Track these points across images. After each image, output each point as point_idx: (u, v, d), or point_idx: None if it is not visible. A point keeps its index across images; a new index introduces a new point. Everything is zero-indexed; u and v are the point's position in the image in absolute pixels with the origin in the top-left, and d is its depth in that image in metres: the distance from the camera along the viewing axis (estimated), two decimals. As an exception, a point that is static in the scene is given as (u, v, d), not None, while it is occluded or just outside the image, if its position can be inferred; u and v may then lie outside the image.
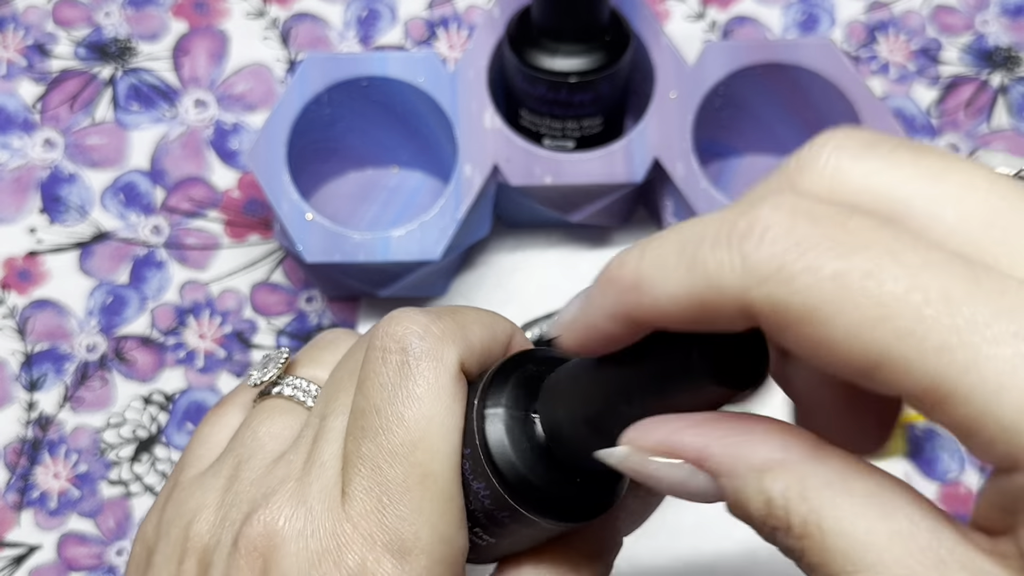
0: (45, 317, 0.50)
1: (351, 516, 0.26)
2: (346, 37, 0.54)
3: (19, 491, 0.48)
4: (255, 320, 0.50)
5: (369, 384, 0.27)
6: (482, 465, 0.26)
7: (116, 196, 0.52)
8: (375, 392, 0.27)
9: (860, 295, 0.19)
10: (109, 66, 0.54)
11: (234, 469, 0.30)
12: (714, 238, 0.20)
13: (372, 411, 0.27)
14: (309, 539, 0.26)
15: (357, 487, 0.26)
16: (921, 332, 0.19)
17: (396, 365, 0.27)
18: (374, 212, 0.51)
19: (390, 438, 0.26)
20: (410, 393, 0.27)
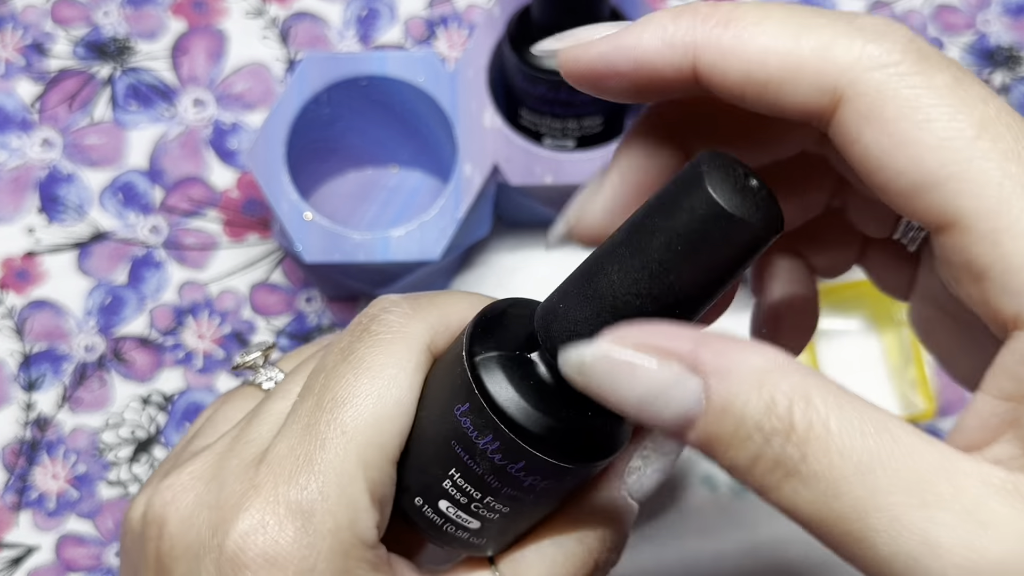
0: (43, 317, 0.50)
1: (259, 481, 0.26)
2: (345, 36, 0.54)
3: (17, 492, 0.48)
4: (254, 320, 0.50)
5: (328, 351, 0.27)
6: (486, 414, 0.24)
7: (115, 196, 0.52)
8: (330, 356, 0.27)
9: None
10: (107, 65, 0.53)
11: (182, 448, 0.30)
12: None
13: (320, 371, 0.27)
14: (211, 512, 0.26)
15: (281, 446, 0.26)
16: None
17: (356, 331, 0.27)
18: (373, 212, 0.51)
19: (324, 395, 0.26)
20: (358, 356, 0.26)
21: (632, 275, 0.22)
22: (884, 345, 0.47)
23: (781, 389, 0.21)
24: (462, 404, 0.25)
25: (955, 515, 0.20)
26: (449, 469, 0.26)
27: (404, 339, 0.27)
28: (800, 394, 0.21)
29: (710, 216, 0.21)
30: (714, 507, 0.48)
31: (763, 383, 0.21)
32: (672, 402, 0.22)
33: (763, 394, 0.21)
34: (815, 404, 0.21)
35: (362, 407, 0.26)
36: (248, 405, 0.30)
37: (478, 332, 0.26)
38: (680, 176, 0.22)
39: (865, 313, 0.47)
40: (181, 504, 0.27)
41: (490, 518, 0.26)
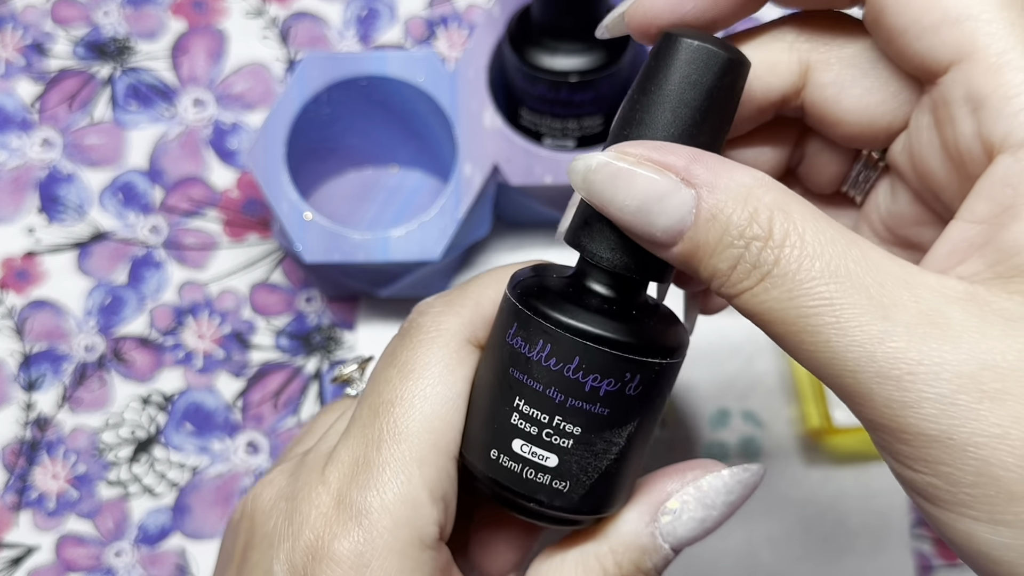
0: (43, 317, 0.50)
1: (327, 480, 0.27)
2: (345, 36, 0.54)
3: (17, 492, 0.48)
4: (254, 320, 0.50)
5: (380, 358, 0.29)
6: (533, 322, 0.26)
7: (114, 196, 0.52)
8: (380, 362, 0.29)
9: None
10: (107, 65, 0.53)
11: (286, 453, 0.32)
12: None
13: (371, 379, 0.28)
14: (287, 503, 0.28)
15: (342, 450, 0.27)
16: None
17: (399, 338, 0.29)
18: (373, 212, 0.51)
19: (375, 399, 0.27)
20: (398, 358, 0.28)
21: None
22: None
23: (764, 202, 0.23)
24: (510, 328, 0.27)
25: (911, 316, 0.22)
26: (513, 400, 0.27)
27: (442, 337, 0.28)
28: (780, 207, 0.23)
29: (696, 60, 0.25)
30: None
31: (748, 196, 0.24)
32: (666, 210, 0.24)
33: (747, 205, 0.23)
34: (793, 217, 0.23)
35: (412, 408, 0.27)
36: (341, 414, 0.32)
37: (516, 275, 0.28)
38: (659, 49, 0.25)
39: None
40: (267, 496, 0.29)
41: (566, 446, 0.27)
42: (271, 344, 0.50)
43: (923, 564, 0.47)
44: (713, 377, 0.49)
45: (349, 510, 0.26)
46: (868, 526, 0.47)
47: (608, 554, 0.28)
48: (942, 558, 0.47)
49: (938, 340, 0.22)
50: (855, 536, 0.47)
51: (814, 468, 0.48)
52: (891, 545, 0.47)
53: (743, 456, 0.48)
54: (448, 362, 0.28)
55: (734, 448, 0.48)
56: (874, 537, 0.47)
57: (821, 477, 0.48)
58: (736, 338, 0.50)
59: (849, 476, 0.48)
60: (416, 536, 0.27)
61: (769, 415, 0.49)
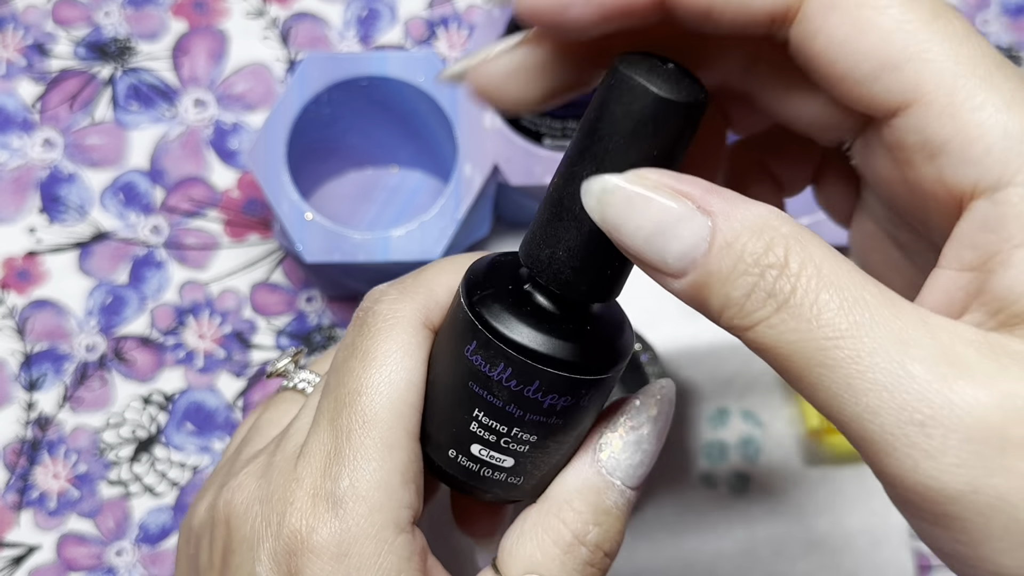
0: (44, 317, 0.50)
1: (300, 475, 0.27)
2: (346, 37, 0.54)
3: (18, 491, 0.48)
4: (254, 320, 0.50)
5: (337, 349, 0.29)
6: (493, 345, 0.26)
7: (115, 196, 0.52)
8: (338, 353, 0.29)
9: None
10: (108, 66, 0.54)
11: (235, 454, 0.32)
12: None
13: (333, 370, 0.28)
14: (263, 506, 0.28)
15: (313, 443, 0.28)
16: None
17: (355, 327, 0.29)
18: (374, 212, 0.51)
19: (340, 390, 0.28)
20: (359, 347, 0.28)
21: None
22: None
23: (780, 232, 0.23)
24: (469, 344, 0.26)
25: (930, 353, 0.21)
26: (472, 410, 0.27)
27: (399, 323, 0.28)
28: (797, 238, 0.23)
29: (640, 104, 0.23)
30: (713, 506, 0.48)
31: (764, 227, 0.23)
32: (679, 236, 0.23)
33: (764, 235, 0.23)
34: (809, 249, 0.23)
35: (376, 394, 0.27)
36: (289, 408, 0.32)
37: (471, 280, 0.27)
38: (606, 80, 0.24)
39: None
40: (239, 501, 0.29)
41: (521, 451, 0.27)
42: (272, 344, 0.50)
43: (922, 564, 0.47)
44: (712, 376, 0.49)
45: (325, 502, 0.27)
46: (867, 525, 0.48)
47: (564, 506, 0.28)
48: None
49: (959, 382, 0.21)
50: (854, 535, 0.47)
51: (813, 467, 0.48)
52: (890, 544, 0.47)
53: (743, 456, 0.48)
54: (407, 348, 0.28)
55: (733, 447, 0.48)
56: (873, 536, 0.47)
57: (820, 476, 0.48)
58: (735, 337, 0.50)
59: (848, 475, 0.48)
60: (391, 520, 0.27)
61: (768, 414, 0.49)
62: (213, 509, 0.30)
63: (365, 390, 0.27)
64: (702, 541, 0.48)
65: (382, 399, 0.27)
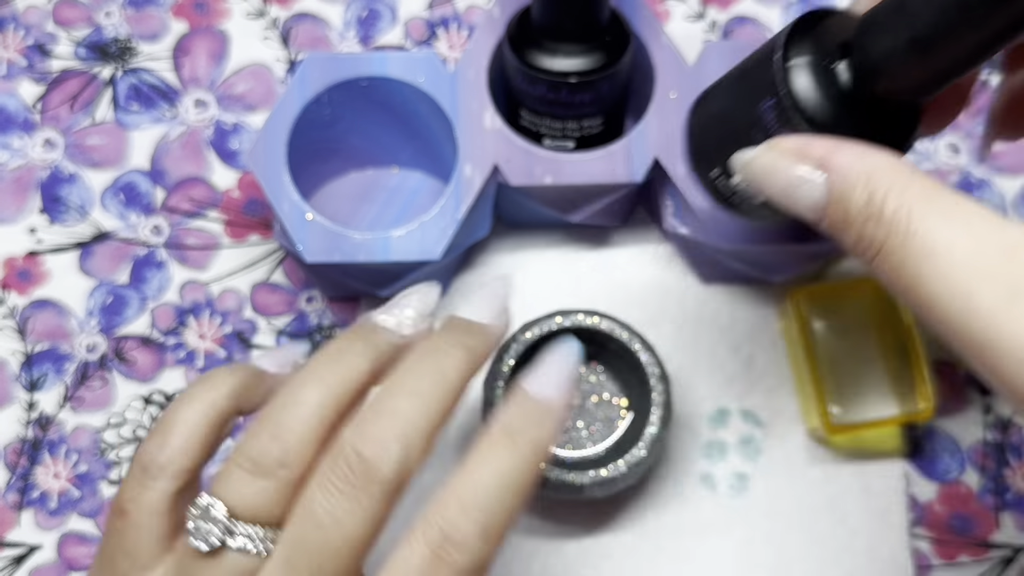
0: (45, 317, 0.50)
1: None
2: (346, 37, 0.54)
3: (19, 491, 0.48)
4: (255, 320, 0.50)
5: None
6: (789, 112, 0.31)
7: (116, 196, 0.52)
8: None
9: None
10: (109, 66, 0.54)
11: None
12: None
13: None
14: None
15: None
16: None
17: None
18: (374, 212, 0.51)
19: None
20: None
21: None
22: (882, 346, 0.47)
23: (881, 184, 0.28)
24: (769, 99, 0.31)
25: (1006, 287, 0.26)
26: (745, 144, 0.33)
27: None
28: (896, 189, 0.28)
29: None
30: (712, 506, 0.48)
31: (869, 180, 0.29)
32: (805, 193, 0.30)
33: (866, 188, 0.29)
34: (905, 196, 0.28)
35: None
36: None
37: (795, 35, 0.31)
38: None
39: (864, 313, 0.48)
40: None
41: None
42: (272, 344, 0.50)
43: (921, 563, 0.48)
44: (712, 376, 0.49)
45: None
46: (867, 525, 0.48)
47: None
48: (940, 557, 0.47)
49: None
50: (854, 535, 0.48)
51: (813, 467, 0.48)
52: (889, 544, 0.48)
53: (743, 456, 0.48)
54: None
55: (733, 447, 0.48)
56: (873, 536, 0.48)
57: (820, 476, 0.48)
58: (736, 337, 0.50)
59: (848, 475, 0.48)
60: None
61: (768, 414, 0.49)
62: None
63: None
64: (702, 541, 0.48)
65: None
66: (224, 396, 0.34)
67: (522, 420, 0.32)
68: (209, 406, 0.34)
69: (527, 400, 0.33)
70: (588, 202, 0.47)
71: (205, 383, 0.34)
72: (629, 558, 0.47)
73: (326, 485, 0.30)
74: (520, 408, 0.33)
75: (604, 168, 0.45)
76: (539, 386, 0.33)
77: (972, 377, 0.49)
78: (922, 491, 0.48)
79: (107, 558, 0.33)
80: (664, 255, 0.51)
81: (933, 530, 0.48)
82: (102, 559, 0.33)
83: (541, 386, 0.33)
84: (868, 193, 0.29)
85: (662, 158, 0.45)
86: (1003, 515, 0.48)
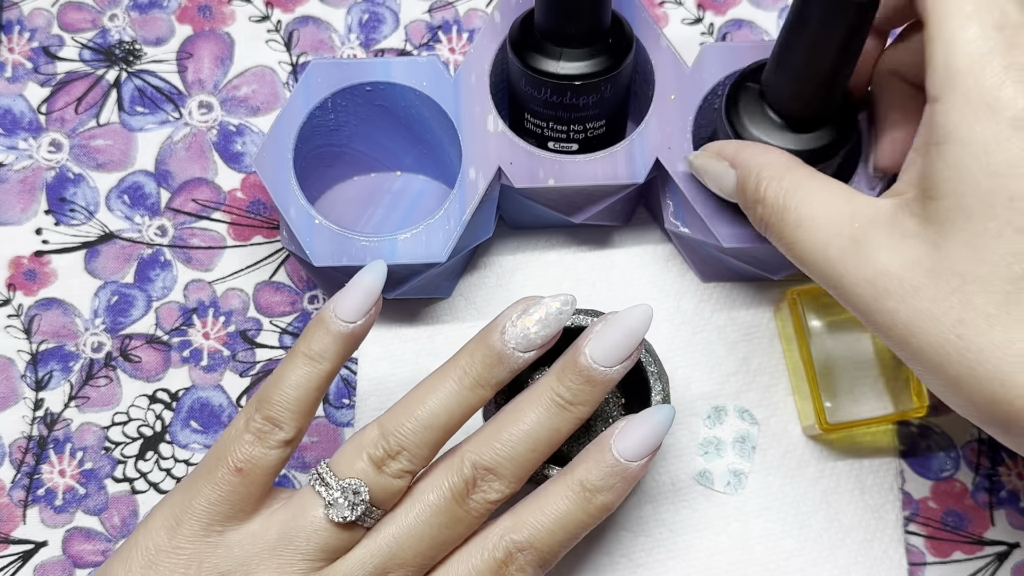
0: (51, 316, 0.51)
1: None
2: (348, 41, 0.55)
3: (25, 488, 0.49)
4: (259, 319, 0.51)
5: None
6: (724, 123, 0.42)
7: (121, 197, 0.52)
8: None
9: None
10: (114, 69, 0.54)
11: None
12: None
13: None
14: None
15: None
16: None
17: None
18: (379, 216, 0.51)
19: None
20: None
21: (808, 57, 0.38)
22: (877, 344, 0.48)
23: (764, 174, 0.38)
24: (722, 119, 0.43)
25: (846, 238, 0.35)
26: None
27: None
28: (776, 178, 0.37)
29: (831, 7, 0.36)
30: (708, 502, 0.48)
31: (760, 171, 0.38)
32: (725, 182, 0.41)
33: (756, 178, 0.38)
34: (782, 184, 0.37)
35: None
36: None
37: (741, 77, 0.43)
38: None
39: (859, 313, 0.48)
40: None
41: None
42: (276, 343, 0.51)
43: (916, 560, 0.48)
44: (709, 374, 0.50)
45: None
46: (861, 521, 0.48)
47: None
48: (934, 554, 0.48)
49: (859, 250, 0.34)
50: (849, 532, 0.48)
51: (809, 464, 0.49)
52: (884, 541, 0.48)
53: (739, 453, 0.49)
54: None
55: (729, 444, 0.49)
56: (867, 532, 0.48)
57: (816, 473, 0.49)
58: (732, 335, 0.50)
59: (842, 472, 0.49)
60: None
61: (764, 412, 0.49)
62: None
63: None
64: (698, 537, 0.48)
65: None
66: (332, 368, 0.39)
67: (602, 480, 0.38)
68: (320, 378, 0.39)
69: (614, 460, 0.38)
70: (591, 203, 0.47)
71: (312, 351, 0.39)
72: (626, 555, 0.48)
73: (440, 486, 0.38)
74: (602, 469, 0.38)
75: (606, 169, 0.45)
76: (628, 448, 0.38)
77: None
78: (916, 488, 0.49)
79: (209, 503, 0.37)
80: (663, 255, 0.51)
81: (927, 527, 0.48)
82: (204, 503, 0.38)
83: (629, 449, 0.38)
84: (756, 181, 0.38)
85: (663, 158, 0.45)
86: (997, 512, 0.49)
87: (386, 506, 0.38)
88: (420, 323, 0.51)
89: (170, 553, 0.37)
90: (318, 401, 0.39)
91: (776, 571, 0.47)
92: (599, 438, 0.39)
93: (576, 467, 0.38)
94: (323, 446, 0.49)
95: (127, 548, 0.38)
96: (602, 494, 0.38)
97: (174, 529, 0.38)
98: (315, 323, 0.39)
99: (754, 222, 0.39)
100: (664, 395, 0.43)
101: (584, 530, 0.38)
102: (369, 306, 0.39)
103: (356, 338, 0.39)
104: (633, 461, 0.38)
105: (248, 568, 0.37)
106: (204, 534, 0.38)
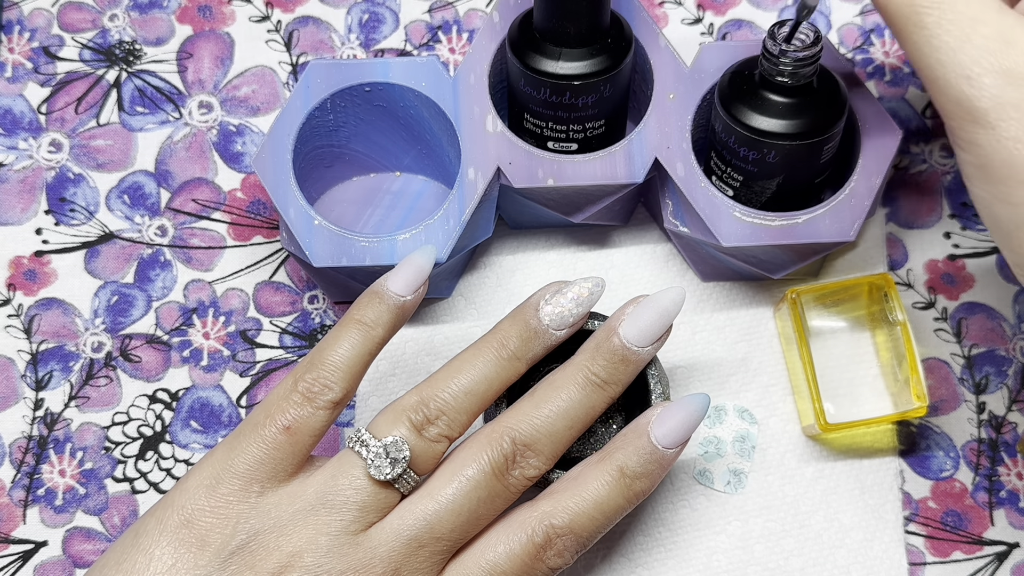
0: (51, 316, 0.51)
1: None
2: (348, 41, 0.55)
3: (25, 488, 0.49)
4: (259, 319, 0.51)
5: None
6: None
7: (121, 197, 0.52)
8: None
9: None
10: (115, 69, 0.54)
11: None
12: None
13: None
14: None
15: None
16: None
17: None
18: (378, 216, 0.51)
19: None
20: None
21: None
22: (876, 344, 0.48)
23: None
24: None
25: (990, 33, 0.34)
26: None
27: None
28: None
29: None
30: (708, 501, 0.48)
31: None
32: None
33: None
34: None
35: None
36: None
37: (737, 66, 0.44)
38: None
39: (858, 312, 0.48)
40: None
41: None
42: (276, 343, 0.51)
43: (915, 560, 0.48)
44: (709, 374, 0.50)
45: None
46: (861, 521, 0.48)
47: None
48: (934, 554, 0.48)
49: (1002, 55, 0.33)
50: (848, 532, 0.48)
51: (808, 464, 0.49)
52: (884, 541, 0.48)
53: (738, 453, 0.49)
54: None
55: (729, 444, 0.49)
56: (867, 532, 0.48)
57: (815, 473, 0.49)
58: (731, 335, 0.50)
59: (843, 472, 0.49)
60: None
61: (764, 411, 0.49)
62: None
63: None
64: (697, 537, 0.48)
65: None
66: (382, 337, 0.40)
67: (641, 466, 0.39)
68: (372, 344, 0.39)
69: (652, 447, 0.39)
70: (590, 203, 0.47)
71: (365, 318, 0.40)
72: (625, 554, 0.48)
73: (479, 459, 0.38)
74: (641, 455, 0.39)
75: (605, 169, 0.45)
76: (666, 435, 0.39)
77: (966, 375, 0.50)
78: (916, 488, 0.49)
79: (254, 461, 0.38)
80: (662, 254, 0.51)
81: (927, 527, 0.48)
82: (249, 461, 0.38)
83: (667, 435, 0.39)
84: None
85: (662, 158, 0.45)
86: (997, 512, 0.49)
87: (424, 470, 0.39)
88: (420, 323, 0.51)
89: (207, 512, 0.38)
90: (366, 368, 0.40)
91: (776, 571, 0.48)
92: (635, 423, 0.40)
93: (614, 452, 0.39)
94: (323, 446, 0.49)
95: (161, 507, 0.38)
96: (641, 480, 0.39)
97: (212, 488, 0.38)
98: (367, 295, 0.40)
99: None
100: (664, 396, 0.43)
101: (621, 516, 0.39)
102: (419, 283, 0.41)
103: (406, 311, 0.40)
104: (669, 448, 0.39)
105: (285, 528, 0.37)
106: (244, 494, 0.38)
